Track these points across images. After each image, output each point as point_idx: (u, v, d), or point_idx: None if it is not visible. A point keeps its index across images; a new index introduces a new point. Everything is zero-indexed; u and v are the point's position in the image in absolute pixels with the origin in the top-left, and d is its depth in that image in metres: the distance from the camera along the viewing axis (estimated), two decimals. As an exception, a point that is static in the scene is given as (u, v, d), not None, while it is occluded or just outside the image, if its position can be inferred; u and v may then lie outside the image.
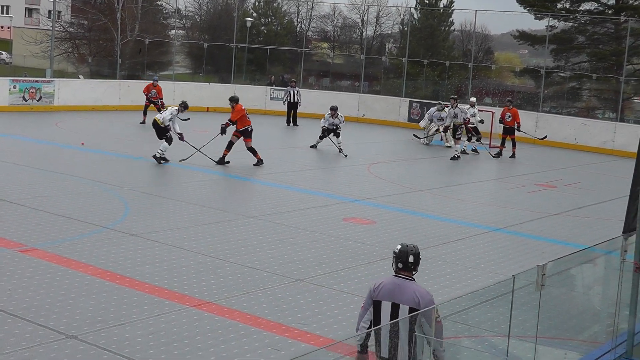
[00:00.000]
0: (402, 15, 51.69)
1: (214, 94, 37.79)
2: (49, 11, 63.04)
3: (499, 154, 27.77)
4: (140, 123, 29.73)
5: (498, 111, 31.19)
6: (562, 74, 42.21)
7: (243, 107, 21.78)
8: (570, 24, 45.41)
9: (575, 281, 9.82)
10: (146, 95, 31.12)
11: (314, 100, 37.22)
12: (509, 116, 27.87)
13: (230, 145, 21.45)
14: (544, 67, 38.93)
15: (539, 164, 27.42)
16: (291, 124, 34.27)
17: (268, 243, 13.43)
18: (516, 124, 27.84)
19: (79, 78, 42.15)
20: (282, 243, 13.51)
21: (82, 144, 23.02)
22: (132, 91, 35.22)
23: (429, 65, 43.28)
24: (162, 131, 20.74)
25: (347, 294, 10.99)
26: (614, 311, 9.03)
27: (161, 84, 32.30)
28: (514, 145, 27.62)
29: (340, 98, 39.10)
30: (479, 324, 9.63)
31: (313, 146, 25.98)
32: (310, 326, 9.65)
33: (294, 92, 34.46)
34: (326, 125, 25.62)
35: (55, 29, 48.79)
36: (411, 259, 7.15)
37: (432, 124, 30.24)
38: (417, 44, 46.56)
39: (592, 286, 8.92)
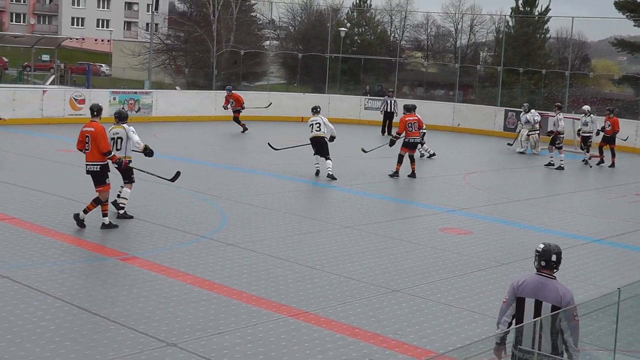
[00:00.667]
0: (496, 24, 51.31)
1: (308, 104, 37.93)
2: (147, 24, 64.32)
3: (600, 163, 27.23)
4: (242, 132, 30.29)
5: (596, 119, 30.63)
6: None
7: (407, 119, 21.55)
8: (672, 29, 44.39)
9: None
10: (227, 108, 31.56)
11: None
12: (609, 125, 27.30)
13: (400, 159, 21.48)
14: (644, 74, 38.06)
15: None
16: (386, 133, 34.21)
17: (364, 253, 13.41)
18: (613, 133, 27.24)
19: (175, 89, 42.89)
20: (378, 253, 13.48)
21: None
22: (228, 102, 35.62)
23: (525, 73, 42.78)
24: None
25: (444, 305, 10.90)
26: None
27: (255, 94, 32.66)
28: (613, 155, 27.04)
29: (435, 107, 38.94)
30: (581, 337, 9.43)
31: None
32: (408, 337, 9.59)
33: (390, 101, 34.42)
34: None
35: (153, 41, 49.76)
36: (554, 257, 7.45)
37: (522, 129, 29.89)
38: (512, 52, 46.04)
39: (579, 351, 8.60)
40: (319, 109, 21.42)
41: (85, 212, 13.85)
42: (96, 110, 14.29)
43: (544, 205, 19.27)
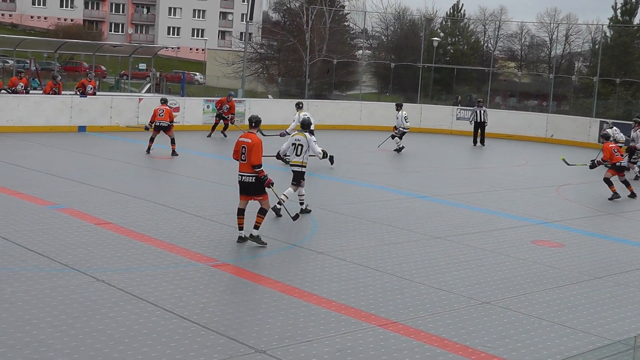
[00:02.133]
0: (592, 33, 50.47)
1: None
2: (241, 33, 65.17)
3: None
4: (207, 136, 30.59)
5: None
6: None
7: (611, 146, 21.63)
8: None
9: None
10: (218, 109, 31.39)
11: (501, 120, 36.83)
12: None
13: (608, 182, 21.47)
14: None
15: None
16: (478, 143, 33.97)
17: (454, 264, 13.34)
18: None
19: (268, 98, 43.27)
20: (468, 264, 13.38)
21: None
22: (320, 110, 35.87)
23: (622, 84, 41.95)
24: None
25: (535, 318, 10.76)
26: None
27: (348, 103, 32.71)
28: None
29: (529, 118, 38.50)
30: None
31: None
32: (497, 350, 9.50)
33: (480, 111, 34.16)
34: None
35: (247, 50, 50.35)
36: None
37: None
38: (609, 62, 45.24)
39: None
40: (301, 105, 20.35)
41: (256, 227, 13.75)
42: (254, 122, 14.22)
43: (638, 219, 18.86)
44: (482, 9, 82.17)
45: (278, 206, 16.12)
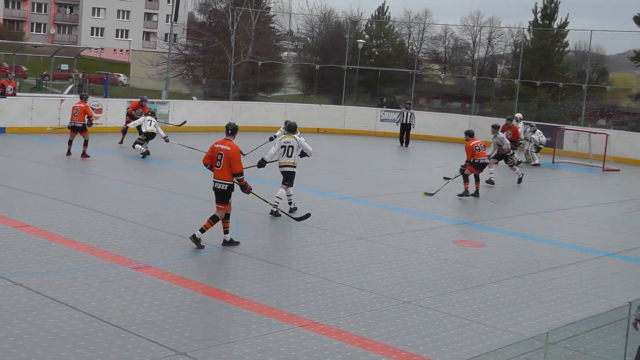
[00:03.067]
0: (514, 36, 51.25)
1: (324, 115, 38.11)
2: (166, 34, 64.69)
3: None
4: (119, 143, 28.26)
5: (612, 133, 30.69)
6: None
7: (472, 144, 21.46)
8: (691, 43, 44.29)
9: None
10: (130, 113, 28.72)
11: (426, 121, 37.19)
12: (509, 134, 27.26)
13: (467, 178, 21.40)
14: (662, 88, 37.97)
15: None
16: (403, 144, 34.30)
17: (376, 265, 13.44)
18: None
19: (192, 99, 43.04)
20: (390, 265, 13.50)
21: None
22: (245, 112, 35.84)
23: (542, 86, 42.71)
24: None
25: (455, 317, 10.91)
26: None
27: (273, 105, 32.67)
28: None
29: (452, 120, 38.97)
30: (591, 350, 9.44)
31: None
32: (418, 349, 9.60)
33: (407, 113, 34.51)
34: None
35: (171, 51, 49.99)
36: None
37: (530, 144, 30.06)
38: (530, 65, 45.99)
39: None
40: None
41: (202, 231, 13.82)
42: (231, 129, 14.27)
43: (558, 219, 19.24)
44: (407, 11, 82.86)
45: (274, 209, 16.70)
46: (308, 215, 15.87)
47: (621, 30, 70.22)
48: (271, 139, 24.84)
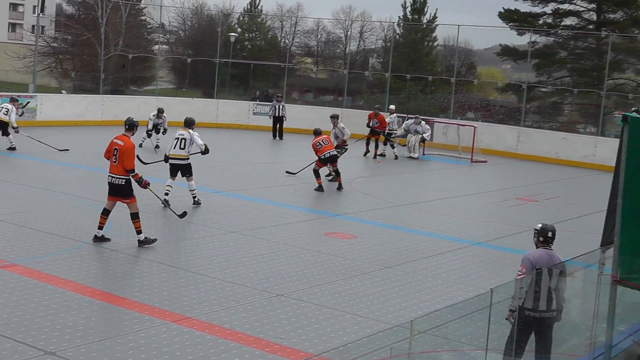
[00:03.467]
0: (385, 31, 51.86)
1: (197, 109, 37.81)
2: (33, 26, 63.01)
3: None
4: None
5: (480, 125, 31.53)
6: (544, 89, 42.45)
7: (314, 141, 21.56)
8: (552, 39, 45.72)
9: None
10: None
11: (298, 114, 37.29)
12: (376, 123, 29.00)
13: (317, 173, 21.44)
14: (526, 82, 39.12)
15: (521, 178, 27.55)
16: (277, 137, 34.38)
17: (249, 258, 13.43)
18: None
19: (61, 93, 42.09)
20: (263, 258, 13.52)
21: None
22: (115, 106, 35.23)
23: (412, 79, 43.43)
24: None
25: (328, 309, 11.01)
26: (591, 324, 9.09)
27: (145, 98, 32.18)
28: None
29: (324, 113, 39.12)
30: (458, 337, 9.67)
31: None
32: (290, 341, 9.66)
33: (279, 106, 34.60)
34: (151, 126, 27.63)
35: (39, 44, 48.74)
36: (550, 234, 8.87)
37: (410, 135, 30.57)
38: (400, 58, 46.68)
39: (571, 299, 8.99)
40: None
41: (139, 232, 13.61)
42: (129, 124, 13.99)
43: (428, 210, 19.62)
44: (280, 5, 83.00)
45: (167, 198, 16.93)
46: (185, 213, 15.76)
47: (487, 26, 72.14)
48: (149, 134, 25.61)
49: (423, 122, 31.09)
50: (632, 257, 8.10)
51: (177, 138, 17.62)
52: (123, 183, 13.62)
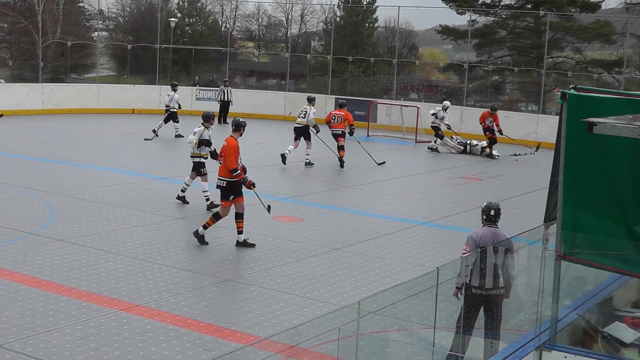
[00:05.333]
0: (326, 13, 51.86)
1: (139, 96, 37.51)
2: (-33, 15, 61.87)
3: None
4: None
5: (423, 106, 31.71)
6: (485, 68, 42.79)
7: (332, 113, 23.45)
8: (492, 18, 46.05)
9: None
10: None
11: (242, 99, 37.17)
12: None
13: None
14: (467, 62, 39.39)
15: (465, 157, 27.77)
16: (222, 122, 34.25)
17: (196, 244, 13.38)
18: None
19: None
20: (210, 243, 13.47)
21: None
22: (56, 94, 34.82)
23: (354, 62, 43.48)
24: None
25: (277, 292, 11.03)
26: (537, 299, 9.22)
27: (85, 86, 31.81)
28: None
29: (267, 96, 39.17)
30: (407, 317, 9.76)
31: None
32: (240, 325, 9.67)
33: (226, 91, 34.49)
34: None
35: (-26, 32, 47.87)
36: (492, 212, 8.98)
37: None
38: (342, 41, 46.68)
39: (516, 276, 9.10)
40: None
41: (204, 227, 13.42)
42: (235, 125, 14.00)
43: (375, 191, 19.70)
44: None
45: (210, 202, 16.33)
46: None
47: (428, 7, 72.38)
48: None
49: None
50: (574, 233, 8.22)
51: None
52: (224, 185, 13.52)
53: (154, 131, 26.99)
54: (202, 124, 16.62)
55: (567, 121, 7.81)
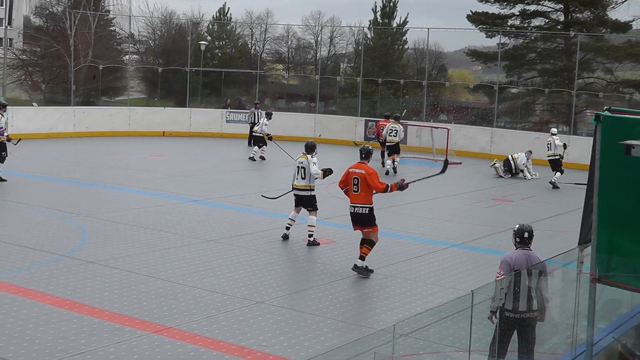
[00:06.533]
0: (355, 35, 51.97)
1: (169, 118, 37.74)
2: (0, 39, 62.59)
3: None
4: None
5: (453, 127, 31.62)
6: (515, 90, 42.64)
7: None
8: (521, 40, 45.93)
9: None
10: None
11: (271, 121, 37.24)
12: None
13: None
14: (497, 83, 39.31)
15: (495, 178, 27.64)
16: (250, 144, 34.29)
17: (227, 266, 13.39)
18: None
19: (32, 105, 41.82)
20: (242, 266, 13.48)
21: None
22: (87, 117, 35.12)
23: (384, 83, 43.50)
24: None
25: (308, 315, 11.00)
26: (572, 322, 9.14)
27: (116, 109, 32.04)
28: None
29: (297, 119, 39.24)
30: (440, 340, 9.67)
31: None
32: (272, 348, 9.63)
33: (257, 113, 34.55)
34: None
35: (7, 56, 48.39)
36: (526, 235, 8.88)
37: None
38: (372, 63, 46.76)
39: (550, 298, 9.02)
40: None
41: (362, 258, 13.38)
42: (365, 153, 13.98)
43: (405, 212, 19.66)
44: (249, 12, 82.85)
45: (287, 232, 15.94)
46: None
47: (456, 28, 72.49)
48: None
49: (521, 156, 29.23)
50: (609, 255, 8.15)
51: (297, 166, 15.93)
52: (366, 212, 13.58)
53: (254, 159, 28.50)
54: (304, 153, 15.99)
55: (601, 143, 7.76)
